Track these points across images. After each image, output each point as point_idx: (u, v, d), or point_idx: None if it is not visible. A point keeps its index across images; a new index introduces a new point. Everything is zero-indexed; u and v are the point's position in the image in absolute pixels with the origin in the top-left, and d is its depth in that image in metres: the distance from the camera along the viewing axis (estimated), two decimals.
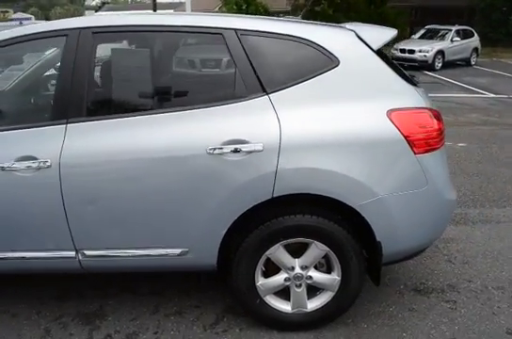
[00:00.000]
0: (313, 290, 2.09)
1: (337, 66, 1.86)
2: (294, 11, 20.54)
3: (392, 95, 1.89)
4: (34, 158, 1.81)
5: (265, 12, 18.69)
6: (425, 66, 12.55)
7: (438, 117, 1.97)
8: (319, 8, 16.80)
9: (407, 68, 13.14)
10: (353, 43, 1.90)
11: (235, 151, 1.78)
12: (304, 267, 2.02)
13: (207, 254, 1.96)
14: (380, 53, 1.99)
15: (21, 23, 9.04)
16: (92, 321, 2.22)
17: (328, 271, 2.06)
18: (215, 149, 1.78)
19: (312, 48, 1.87)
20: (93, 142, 1.84)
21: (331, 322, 2.16)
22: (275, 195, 1.84)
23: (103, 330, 2.16)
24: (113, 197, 1.86)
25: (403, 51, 13.06)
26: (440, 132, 1.94)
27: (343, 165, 1.82)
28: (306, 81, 1.85)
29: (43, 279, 2.46)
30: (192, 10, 14.39)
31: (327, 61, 1.86)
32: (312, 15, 17.32)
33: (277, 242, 1.95)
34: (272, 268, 2.06)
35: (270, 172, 1.80)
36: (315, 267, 2.06)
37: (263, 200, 1.84)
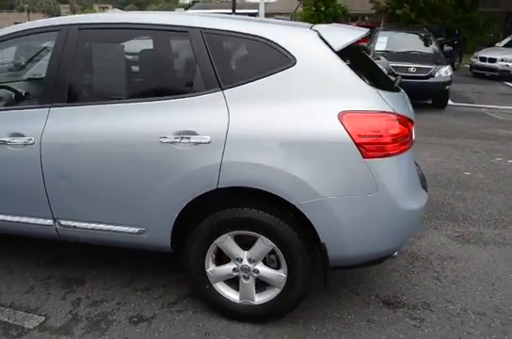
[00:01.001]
0: (263, 285, 2.13)
1: (293, 65, 1.88)
2: (377, 14, 19.92)
3: (347, 97, 1.86)
4: (22, 135, 2.10)
5: (344, 14, 18.39)
6: (507, 76, 11.48)
7: (404, 122, 1.90)
8: (401, 12, 16.12)
9: (487, 77, 12.19)
10: (312, 43, 1.89)
11: (184, 141, 1.90)
12: (252, 261, 2.07)
13: (161, 236, 2.10)
14: (356, 53, 1.97)
15: None
16: (71, 285, 2.49)
17: (278, 268, 2.09)
18: (166, 138, 1.92)
19: (270, 47, 1.90)
20: (68, 125, 2.08)
21: (280, 319, 2.19)
22: (220, 186, 1.92)
23: (76, 294, 2.40)
24: (81, 174, 2.08)
25: (483, 59, 12.07)
26: (399, 138, 1.87)
27: (286, 163, 1.84)
28: (261, 79, 1.89)
29: (47, 244, 2.79)
30: (266, 12, 14.60)
31: (283, 60, 1.89)
32: (394, 19, 16.68)
33: (225, 232, 2.03)
34: (224, 258, 2.15)
35: (215, 164, 1.89)
36: (266, 263, 2.10)
37: (208, 190, 1.93)
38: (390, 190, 1.87)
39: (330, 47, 1.87)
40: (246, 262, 2.07)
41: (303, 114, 1.85)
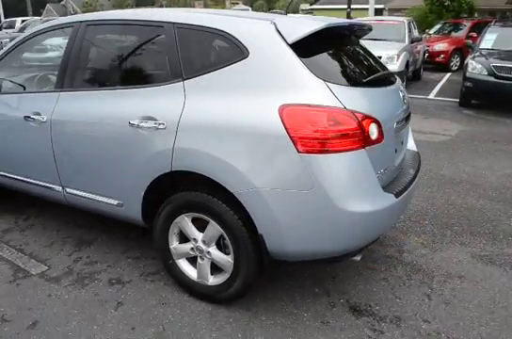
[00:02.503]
0: (220, 269, 2.23)
1: (246, 58, 1.90)
2: None
3: (293, 90, 1.81)
4: (39, 114, 2.52)
5: (469, 9, 16.44)
6: None
7: (355, 119, 1.80)
8: None
9: None
10: (266, 36, 1.88)
11: (146, 126, 2.09)
12: (205, 243, 2.17)
13: (134, 210, 2.33)
14: (340, 44, 1.90)
15: None
16: (80, 246, 2.89)
17: (228, 253, 2.15)
18: (133, 122, 2.12)
19: (229, 40, 1.95)
20: (67, 106, 2.44)
21: (228, 303, 2.27)
22: (173, 169, 2.06)
23: (80, 253, 2.80)
24: (73, 148, 2.42)
25: None
26: (343, 135, 1.77)
27: (226, 152, 1.89)
28: (216, 70, 1.96)
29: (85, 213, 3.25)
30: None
31: (238, 53, 1.92)
32: None
33: (182, 213, 2.17)
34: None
35: (169, 148, 2.03)
36: (220, 248, 2.19)
37: (165, 171, 2.09)
38: (326, 188, 1.79)
39: (284, 40, 1.85)
40: (200, 243, 2.19)
41: (248, 106, 1.87)
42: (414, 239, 3.04)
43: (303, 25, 1.90)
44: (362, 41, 2.47)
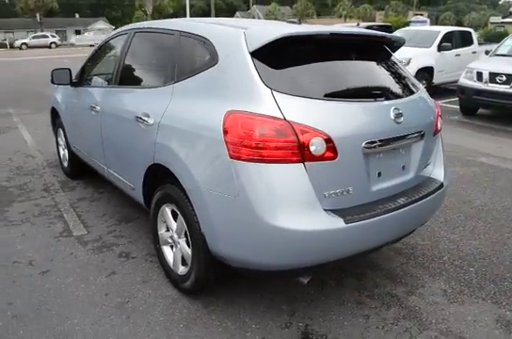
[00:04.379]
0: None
1: (216, 64, 1.99)
2: None
3: (241, 97, 1.83)
4: (96, 105, 3.08)
5: None
6: None
7: (291, 131, 1.74)
8: None
9: None
10: (234, 44, 1.92)
11: (142, 120, 2.37)
12: (177, 233, 2.35)
13: (140, 195, 2.66)
14: (321, 51, 1.90)
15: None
16: (121, 220, 3.37)
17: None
18: (136, 116, 2.43)
19: (209, 46, 2.06)
20: (109, 100, 2.92)
21: (190, 295, 2.39)
22: (155, 161, 2.29)
23: (116, 227, 3.25)
24: (109, 135, 2.89)
25: None
26: (272, 145, 1.72)
27: (183, 150, 2.03)
28: (194, 75, 2.11)
29: None
30: None
31: (212, 59, 2.02)
32: None
33: (163, 203, 2.39)
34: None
35: (153, 142, 2.27)
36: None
37: (151, 163, 2.34)
38: (251, 198, 1.76)
39: (247, 47, 1.89)
40: (174, 233, 2.38)
41: (205, 110, 1.97)
42: (439, 284, 2.61)
43: (266, 32, 1.90)
44: None
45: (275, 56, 1.89)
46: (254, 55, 1.88)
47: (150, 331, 2.16)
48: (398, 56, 8.26)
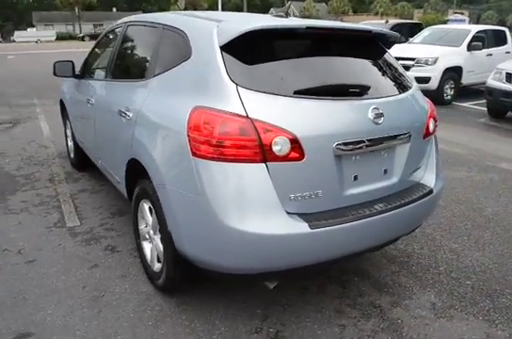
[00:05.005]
0: None
1: (189, 58, 1.93)
2: None
3: (208, 93, 1.77)
4: (91, 97, 3.09)
5: None
6: None
7: (253, 129, 1.66)
8: None
9: None
10: (206, 36, 1.85)
11: (124, 114, 2.35)
12: (153, 229, 2.32)
13: (123, 189, 2.65)
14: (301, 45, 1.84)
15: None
16: (115, 214, 3.39)
17: None
18: (119, 110, 2.41)
19: (185, 39, 2.01)
20: (101, 93, 2.94)
21: (164, 292, 2.37)
22: (132, 156, 2.26)
23: (109, 220, 3.27)
24: (99, 128, 2.90)
25: None
26: (240, 145, 1.64)
27: (153, 146, 1.99)
28: (170, 69, 2.05)
29: None
30: None
31: (187, 52, 1.95)
32: None
33: (142, 199, 2.37)
34: None
35: (131, 137, 2.24)
36: None
37: (130, 158, 2.31)
38: (210, 198, 1.70)
39: (218, 41, 1.81)
40: (150, 229, 2.35)
41: (175, 106, 1.91)
42: (429, 297, 2.46)
43: (239, 27, 1.81)
44: None
45: (245, 50, 1.81)
46: (224, 49, 1.81)
47: (117, 327, 2.14)
48: (424, 54, 8.14)
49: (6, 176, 4.17)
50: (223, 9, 25.85)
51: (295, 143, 1.69)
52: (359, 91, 1.94)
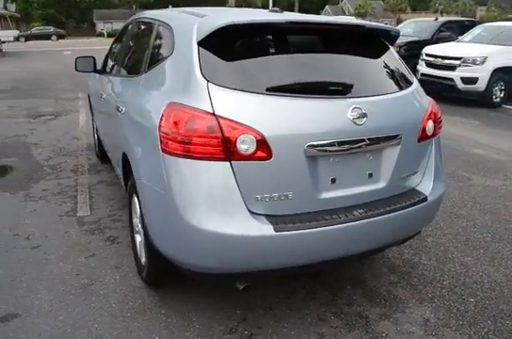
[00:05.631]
0: None
1: (172, 53, 1.92)
2: None
3: (182, 89, 1.75)
4: (103, 92, 3.18)
5: None
6: None
7: (227, 129, 1.62)
8: None
9: None
10: (187, 32, 1.82)
11: (120, 109, 2.39)
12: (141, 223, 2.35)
13: (121, 182, 2.71)
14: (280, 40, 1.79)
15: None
16: (126, 206, 3.49)
17: None
18: (116, 105, 2.46)
19: (171, 35, 2.00)
20: (108, 87, 2.99)
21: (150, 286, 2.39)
22: (123, 151, 2.30)
23: (118, 211, 3.37)
24: (106, 123, 2.98)
25: None
26: (204, 143, 1.61)
27: (136, 142, 2.01)
28: (157, 65, 2.06)
29: None
30: None
31: (171, 48, 1.94)
32: None
33: (133, 193, 2.40)
34: None
35: (123, 132, 2.28)
36: None
37: (123, 151, 2.35)
38: (174, 194, 1.69)
39: (196, 36, 1.79)
40: (137, 220, 2.38)
41: (155, 102, 1.92)
42: (423, 312, 2.30)
43: (217, 22, 1.77)
44: None
45: (221, 46, 1.77)
46: (201, 44, 1.78)
47: (97, 316, 2.20)
48: (471, 53, 7.63)
49: (35, 165, 4.42)
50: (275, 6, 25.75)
51: (261, 142, 1.63)
52: (340, 90, 1.83)
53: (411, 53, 8.84)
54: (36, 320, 2.16)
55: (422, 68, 8.20)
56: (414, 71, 8.36)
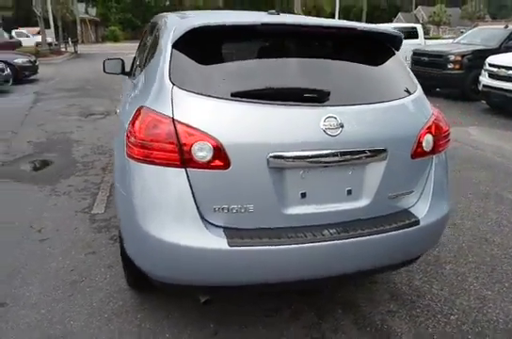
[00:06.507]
0: None
1: (153, 57, 1.89)
2: None
3: (152, 93, 1.72)
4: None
5: None
6: None
7: (183, 135, 1.56)
8: None
9: None
10: (167, 34, 1.78)
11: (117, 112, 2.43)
12: None
13: None
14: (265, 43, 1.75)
15: None
16: None
17: None
18: (122, 108, 2.48)
19: (159, 38, 1.98)
20: (125, 90, 3.04)
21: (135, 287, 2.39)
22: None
23: None
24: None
25: None
26: (160, 148, 1.55)
27: (115, 146, 2.03)
28: (144, 68, 2.06)
29: None
30: None
31: (156, 50, 1.92)
32: None
33: None
34: None
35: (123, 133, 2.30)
36: None
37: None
38: (133, 199, 1.66)
39: (172, 39, 1.74)
40: None
41: (133, 105, 1.89)
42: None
43: (190, 23, 1.70)
44: None
45: (193, 48, 1.71)
46: (174, 46, 1.74)
47: (76, 313, 2.23)
48: None
49: (70, 161, 4.68)
50: (341, 14, 25.40)
51: (218, 150, 1.55)
52: (315, 97, 1.67)
53: (475, 63, 8.21)
54: (20, 311, 2.24)
55: (484, 79, 7.54)
56: (476, 82, 7.75)
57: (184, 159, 1.56)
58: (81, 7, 39.31)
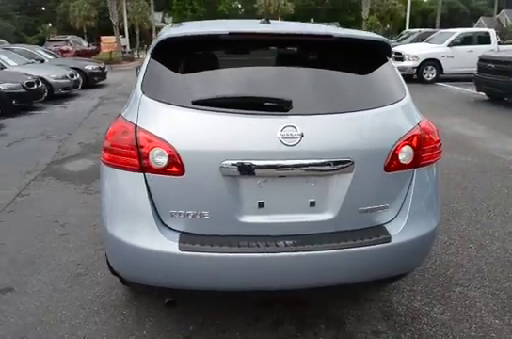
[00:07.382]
0: None
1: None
2: None
3: (131, 102, 1.81)
4: None
5: None
6: None
7: (142, 141, 1.63)
8: None
9: None
10: (153, 45, 1.85)
11: None
12: None
13: None
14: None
15: None
16: None
17: None
18: None
19: None
20: None
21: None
22: None
23: None
24: None
25: None
26: (120, 152, 1.64)
27: None
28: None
29: None
30: None
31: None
32: None
33: None
34: None
35: None
36: None
37: None
38: (102, 200, 1.76)
39: (153, 49, 1.82)
40: None
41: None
42: None
43: (168, 33, 1.76)
44: None
45: (165, 57, 1.79)
46: (152, 55, 1.83)
47: (68, 304, 2.38)
48: None
49: None
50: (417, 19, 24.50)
51: (173, 157, 1.59)
52: (276, 106, 1.64)
53: None
54: (23, 297, 2.45)
55: None
56: None
57: (142, 164, 1.64)
58: (158, 16, 41.89)
